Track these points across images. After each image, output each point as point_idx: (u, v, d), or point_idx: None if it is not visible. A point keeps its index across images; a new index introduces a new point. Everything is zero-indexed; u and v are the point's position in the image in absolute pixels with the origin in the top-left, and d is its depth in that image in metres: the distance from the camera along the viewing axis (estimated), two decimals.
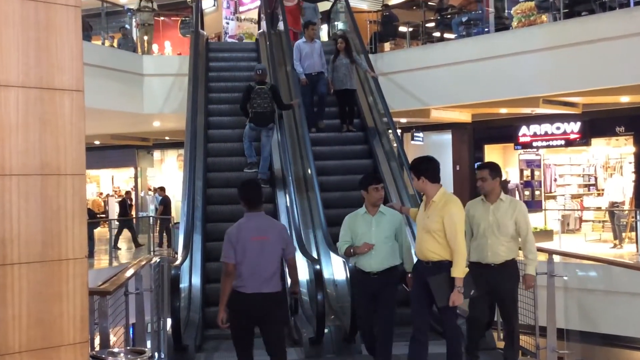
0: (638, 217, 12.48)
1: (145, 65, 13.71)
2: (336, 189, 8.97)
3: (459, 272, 4.80)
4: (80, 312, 2.70)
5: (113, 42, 15.54)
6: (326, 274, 7.38)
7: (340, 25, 14.09)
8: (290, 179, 8.76)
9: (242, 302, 4.79)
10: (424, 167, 5.00)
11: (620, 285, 9.68)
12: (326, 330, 6.41)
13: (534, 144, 16.06)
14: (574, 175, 17.05)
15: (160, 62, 14.68)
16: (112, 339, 5.04)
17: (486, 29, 13.09)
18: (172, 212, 17.14)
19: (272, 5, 12.56)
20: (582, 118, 14.88)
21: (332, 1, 14.15)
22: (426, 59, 13.26)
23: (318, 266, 6.71)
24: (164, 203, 17.03)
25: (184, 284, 7.32)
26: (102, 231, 17.47)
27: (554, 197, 16.69)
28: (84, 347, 2.71)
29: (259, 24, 14.26)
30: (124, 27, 15.35)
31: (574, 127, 15.30)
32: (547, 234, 14.25)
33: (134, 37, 15.23)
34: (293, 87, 10.48)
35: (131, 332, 5.80)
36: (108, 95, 12.61)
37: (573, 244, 13.61)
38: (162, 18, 17.56)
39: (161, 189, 17.86)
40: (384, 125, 10.27)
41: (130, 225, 16.84)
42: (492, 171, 5.41)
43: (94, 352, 3.97)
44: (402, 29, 14.92)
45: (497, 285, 5.35)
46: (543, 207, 16.02)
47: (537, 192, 16.30)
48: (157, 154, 23.29)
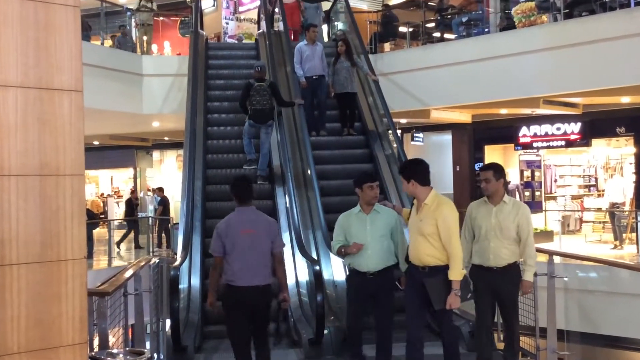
0: (638, 218, 12.47)
1: (144, 65, 13.70)
2: (337, 194, 8.91)
3: (456, 274, 4.75)
4: (79, 313, 2.68)
5: (111, 39, 15.49)
6: (326, 275, 7.38)
7: (340, 25, 14.07)
8: (289, 176, 8.77)
9: (234, 295, 4.97)
10: (413, 170, 4.95)
11: (620, 286, 9.69)
12: (326, 331, 6.41)
13: (534, 144, 16.06)
14: (574, 176, 17.06)
15: (159, 62, 14.65)
16: (111, 339, 5.03)
17: (486, 29, 13.08)
18: (172, 212, 17.13)
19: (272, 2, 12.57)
20: (582, 119, 14.89)
21: (332, 1, 14.13)
22: (426, 59, 13.25)
23: (318, 267, 6.71)
24: (163, 204, 17.00)
25: (183, 285, 7.31)
26: (101, 232, 17.46)
27: (554, 198, 16.69)
28: (83, 348, 2.70)
29: (259, 24, 14.24)
30: (124, 26, 15.33)
31: (575, 127, 15.30)
32: (548, 235, 14.24)
33: (134, 37, 15.21)
34: (293, 88, 10.44)
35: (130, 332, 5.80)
36: (107, 96, 12.59)
37: (573, 244, 13.59)
38: (161, 18, 17.55)
39: (159, 190, 17.81)
40: (384, 128, 10.20)
41: (136, 226, 16.84)
42: (496, 172, 5.32)
43: (93, 353, 3.97)
44: (402, 29, 14.92)
45: (498, 288, 5.30)
46: (543, 208, 16.01)
47: (537, 193, 16.31)
48: (156, 154, 23.29)
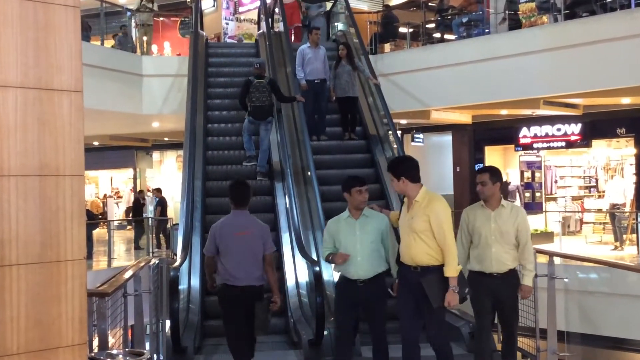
0: (639, 219, 12.47)
1: (144, 65, 13.68)
2: (338, 199, 8.76)
3: (452, 271, 4.63)
4: (79, 314, 2.68)
5: (113, 38, 15.46)
6: (326, 276, 7.34)
7: (340, 26, 14.07)
8: (289, 172, 8.79)
9: (230, 293, 5.25)
10: (404, 167, 4.82)
11: (621, 288, 9.67)
12: (325, 332, 6.39)
13: (535, 145, 16.07)
14: (574, 177, 17.07)
15: (159, 62, 14.64)
16: (111, 340, 5.02)
17: (487, 30, 13.07)
18: (172, 213, 17.10)
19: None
20: (582, 119, 14.89)
21: (332, 2, 14.13)
22: (426, 60, 13.24)
23: (318, 268, 6.69)
24: (161, 204, 16.94)
25: (182, 286, 7.31)
26: (101, 232, 17.44)
27: (554, 199, 16.69)
28: (82, 349, 2.69)
29: (259, 24, 14.24)
30: (125, 26, 15.30)
31: (575, 128, 15.31)
32: (548, 236, 14.24)
33: (134, 38, 15.19)
34: (293, 89, 10.43)
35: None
36: (107, 96, 12.58)
37: (574, 245, 13.58)
38: (161, 18, 17.54)
39: (157, 190, 17.75)
40: (386, 132, 10.13)
41: (139, 226, 16.77)
42: (492, 175, 5.17)
43: (93, 353, 3.97)
44: (403, 29, 14.90)
45: (499, 294, 5.17)
46: (543, 209, 16.02)
47: (537, 194, 16.33)
48: (156, 155, 23.27)
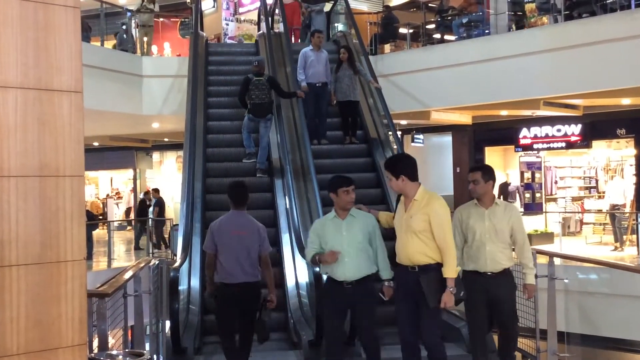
0: (639, 219, 12.47)
1: (144, 66, 13.69)
2: None
3: (451, 271, 4.55)
4: (79, 314, 2.67)
5: (114, 36, 15.45)
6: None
7: (340, 26, 14.07)
8: (288, 169, 8.79)
9: (226, 291, 5.46)
10: (403, 165, 4.73)
11: (621, 288, 9.67)
12: None
13: (535, 146, 16.08)
14: (574, 178, 17.08)
15: (159, 63, 14.64)
16: (111, 341, 5.02)
17: (487, 31, 13.08)
18: (172, 214, 17.09)
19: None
20: (583, 120, 14.89)
21: (333, 2, 14.14)
22: (426, 60, 13.25)
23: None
24: (158, 205, 16.92)
25: (182, 286, 7.30)
26: (101, 233, 17.45)
27: (554, 200, 16.70)
28: (82, 350, 2.69)
29: (259, 25, 14.24)
30: (125, 23, 15.28)
31: (575, 129, 15.31)
32: (548, 237, 14.25)
33: (134, 38, 15.19)
34: (293, 89, 10.42)
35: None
36: (107, 97, 12.59)
37: (574, 246, 13.59)
38: (161, 19, 17.54)
39: (155, 191, 17.71)
40: (387, 136, 10.07)
41: (142, 227, 16.74)
42: (484, 174, 5.11)
43: (93, 354, 3.97)
44: (403, 30, 14.91)
45: (495, 294, 5.07)
46: (544, 210, 16.02)
47: (537, 195, 16.32)
48: (156, 155, 23.27)
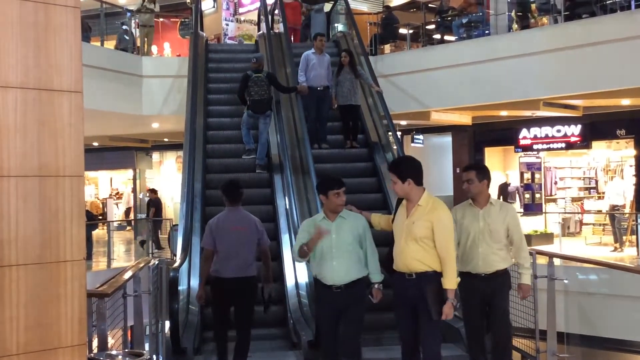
0: (638, 220, 12.47)
1: (144, 66, 13.68)
2: None
3: (451, 282, 4.43)
4: (79, 315, 2.67)
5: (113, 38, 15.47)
6: None
7: (340, 27, 14.07)
8: (287, 164, 8.81)
9: (222, 285, 5.68)
10: (410, 168, 4.58)
11: (620, 289, 9.66)
12: None
13: (535, 146, 16.08)
14: (574, 178, 17.09)
15: (159, 63, 14.63)
16: (110, 341, 5.02)
17: (487, 31, 13.08)
18: (172, 214, 17.07)
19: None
20: (582, 121, 14.89)
21: (333, 3, 14.13)
22: (426, 61, 13.24)
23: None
24: (155, 205, 16.87)
25: (182, 286, 7.30)
26: (101, 233, 17.45)
27: (554, 200, 16.71)
28: (81, 350, 2.69)
29: (259, 25, 14.23)
30: (124, 22, 15.27)
31: (575, 129, 15.31)
32: (548, 237, 14.25)
33: (134, 38, 15.19)
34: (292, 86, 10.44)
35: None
36: (107, 97, 12.58)
37: (573, 247, 13.59)
38: (161, 19, 17.53)
39: (152, 191, 17.64)
40: (388, 141, 10.03)
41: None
42: (479, 173, 5.04)
43: (92, 354, 3.97)
44: (403, 30, 14.91)
45: (487, 296, 5.03)
46: (543, 210, 16.02)
47: (537, 195, 16.32)
48: (155, 155, 23.26)
